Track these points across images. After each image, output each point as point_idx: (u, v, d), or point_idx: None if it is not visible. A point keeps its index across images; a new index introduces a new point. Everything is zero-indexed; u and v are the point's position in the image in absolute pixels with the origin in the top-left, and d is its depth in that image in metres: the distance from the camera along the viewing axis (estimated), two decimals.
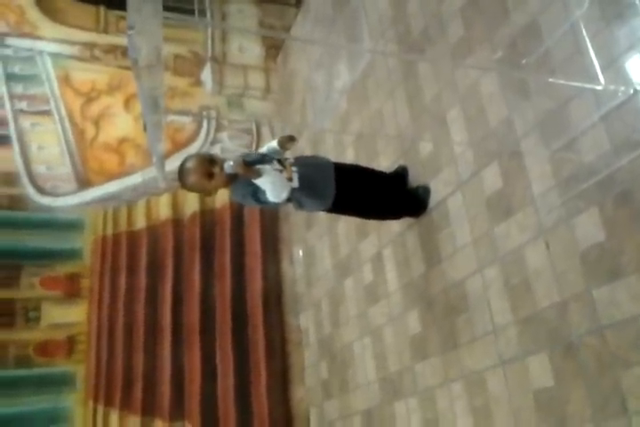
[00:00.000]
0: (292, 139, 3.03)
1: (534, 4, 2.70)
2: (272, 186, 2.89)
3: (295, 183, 2.98)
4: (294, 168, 3.00)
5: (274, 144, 3.02)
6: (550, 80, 2.54)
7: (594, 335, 2.22)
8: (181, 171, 2.83)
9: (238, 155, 2.95)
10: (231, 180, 2.87)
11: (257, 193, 2.93)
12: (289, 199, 3.02)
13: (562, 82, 2.46)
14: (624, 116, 2.20)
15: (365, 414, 3.94)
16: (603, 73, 2.27)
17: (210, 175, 2.79)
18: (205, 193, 3.86)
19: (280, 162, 2.97)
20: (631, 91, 2.18)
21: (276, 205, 3.18)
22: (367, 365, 3.95)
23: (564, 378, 2.35)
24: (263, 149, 3.09)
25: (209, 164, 2.80)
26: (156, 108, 2.35)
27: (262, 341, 5.07)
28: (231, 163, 2.76)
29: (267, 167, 2.88)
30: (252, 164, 2.83)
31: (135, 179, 5.54)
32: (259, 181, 2.86)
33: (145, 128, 2.35)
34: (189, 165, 2.81)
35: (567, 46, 2.48)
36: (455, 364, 3.05)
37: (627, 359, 2.08)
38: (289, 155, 3.14)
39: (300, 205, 3.17)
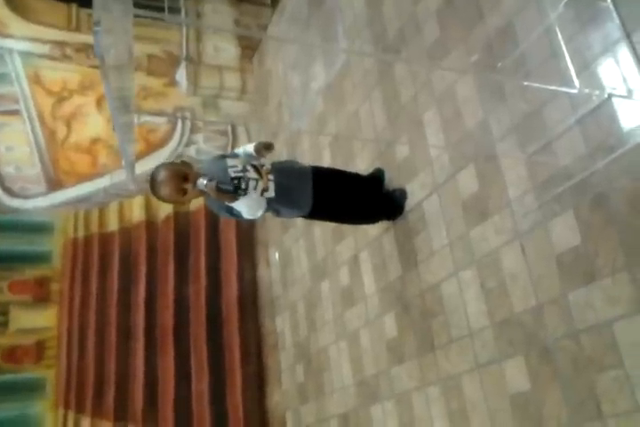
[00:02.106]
0: (268, 147, 2.96)
1: (509, 6, 2.70)
2: (247, 208, 2.84)
3: (271, 193, 2.91)
4: (271, 176, 2.93)
5: (250, 149, 2.95)
6: (525, 84, 2.54)
7: (569, 339, 2.22)
8: (153, 183, 2.70)
9: (213, 164, 2.87)
10: (204, 193, 2.75)
11: (231, 208, 2.85)
12: (265, 209, 2.97)
13: (537, 85, 2.45)
14: (599, 120, 2.21)
15: (342, 417, 3.92)
16: (578, 77, 2.27)
17: (182, 191, 2.68)
18: (178, 204, 3.78)
19: (256, 169, 2.89)
20: (605, 95, 2.19)
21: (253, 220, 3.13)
22: (343, 368, 3.92)
23: (540, 382, 2.35)
24: (239, 151, 3.02)
25: (181, 180, 2.66)
26: (125, 109, 2.29)
27: (237, 344, 5.03)
28: (205, 182, 2.64)
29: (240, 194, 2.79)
30: (226, 191, 2.71)
31: (105, 181, 5.45)
32: (232, 204, 2.79)
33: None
34: (161, 177, 2.67)
35: (542, 49, 2.48)
36: (431, 367, 3.04)
37: (601, 363, 2.08)
38: (265, 160, 3.07)
39: (277, 214, 3.11)
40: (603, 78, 2.22)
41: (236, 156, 2.98)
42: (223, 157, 2.98)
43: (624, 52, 2.14)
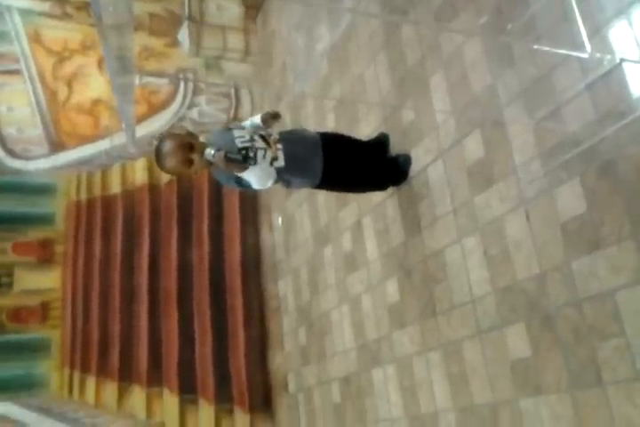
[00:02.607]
0: (275, 116, 2.90)
1: None
2: (257, 178, 2.78)
3: (281, 162, 2.85)
4: (279, 145, 2.87)
5: (257, 120, 2.89)
6: (535, 47, 2.47)
7: (572, 307, 2.21)
8: (158, 154, 2.63)
9: (221, 134, 2.80)
10: (211, 164, 2.69)
11: (240, 178, 2.79)
12: (275, 181, 2.91)
13: (547, 49, 2.39)
14: (610, 86, 2.15)
15: (343, 381, 3.97)
16: (589, 41, 2.21)
17: (189, 162, 2.61)
18: (185, 176, 3.68)
19: (264, 138, 2.83)
20: (617, 60, 2.13)
21: (260, 190, 3.08)
22: (345, 332, 3.96)
23: (541, 349, 2.36)
24: (246, 123, 2.95)
25: (188, 150, 2.59)
26: (125, 70, 2.23)
27: (240, 307, 5.07)
28: (212, 152, 2.57)
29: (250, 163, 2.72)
30: (235, 161, 2.64)
31: (106, 143, 5.41)
32: (242, 174, 2.73)
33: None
34: (166, 149, 2.60)
35: (554, 12, 2.41)
36: (433, 333, 3.05)
37: (603, 331, 2.08)
38: (273, 130, 3.01)
39: (287, 185, 3.06)
40: (615, 43, 2.16)
41: (242, 128, 2.93)
42: (229, 129, 2.92)
43: (638, 15, 2.08)
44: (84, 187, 5.36)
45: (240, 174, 2.74)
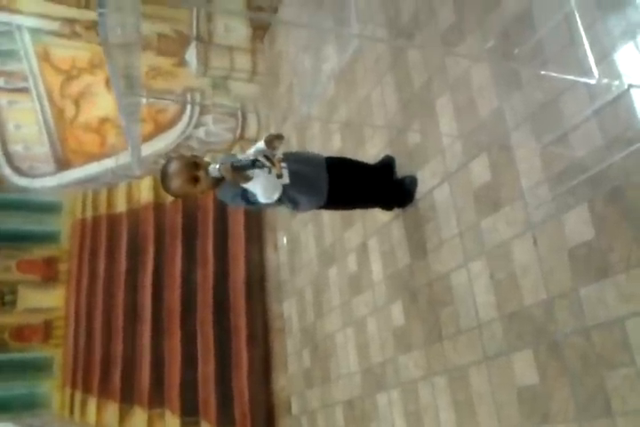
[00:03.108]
0: (279, 137, 2.89)
1: None
2: (263, 188, 2.77)
3: (286, 179, 2.85)
4: (283, 164, 2.87)
5: (261, 145, 2.88)
6: (543, 72, 2.47)
7: (579, 335, 2.18)
8: (164, 176, 2.66)
9: (225, 158, 2.80)
10: (217, 182, 2.72)
11: (246, 194, 2.80)
12: (280, 200, 2.90)
13: (554, 75, 2.39)
14: (617, 112, 2.15)
15: (347, 404, 3.92)
16: (596, 66, 2.21)
17: (194, 180, 2.63)
18: (191, 197, 3.70)
19: (268, 158, 2.81)
20: (625, 85, 2.12)
21: (266, 207, 3.06)
22: (350, 355, 3.92)
23: (549, 376, 2.32)
24: (250, 151, 2.94)
25: (193, 167, 2.62)
26: (131, 90, 2.23)
27: (244, 327, 5.03)
28: (217, 166, 2.60)
29: (255, 171, 2.71)
30: (240, 169, 2.65)
31: (111, 162, 5.42)
32: (248, 185, 2.73)
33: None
34: (172, 169, 2.64)
35: (561, 37, 2.41)
36: (438, 357, 3.02)
37: (612, 360, 2.05)
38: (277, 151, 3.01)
39: (294, 205, 3.03)
40: (622, 68, 2.15)
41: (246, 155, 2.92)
42: (233, 154, 2.93)
43: None
44: (90, 205, 5.37)
45: (246, 185, 2.73)
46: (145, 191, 5.39)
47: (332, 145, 4.29)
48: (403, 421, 3.29)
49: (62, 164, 5.44)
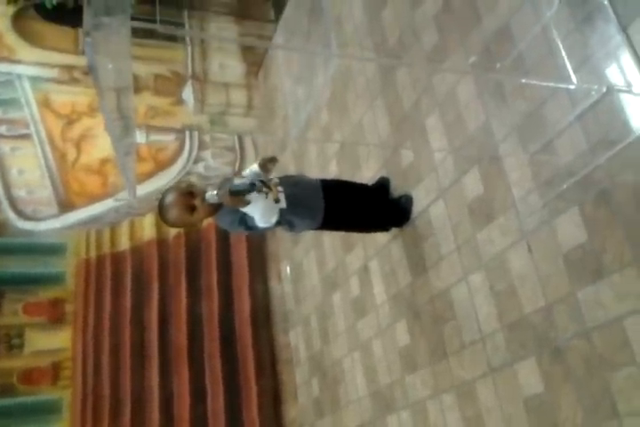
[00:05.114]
0: (272, 160, 2.94)
1: (505, 7, 2.69)
2: (261, 212, 2.79)
3: (283, 204, 2.86)
4: (280, 188, 2.89)
5: (255, 168, 2.92)
6: (524, 81, 2.53)
7: (580, 338, 2.17)
8: (161, 207, 2.68)
9: (221, 183, 2.83)
10: (215, 209, 2.73)
11: (245, 219, 2.82)
12: (278, 222, 2.92)
13: (535, 82, 2.44)
14: (599, 115, 2.18)
15: None
16: (576, 73, 2.26)
17: (191, 208, 2.65)
18: (189, 227, 3.71)
19: (264, 183, 2.83)
20: (604, 89, 2.16)
21: (265, 230, 3.08)
22: (358, 379, 3.87)
23: (554, 383, 2.29)
24: (245, 173, 2.96)
25: (188, 197, 2.64)
26: (127, 131, 2.27)
27: (252, 360, 4.98)
28: (214, 193, 2.61)
29: (253, 194, 2.72)
30: (238, 193, 2.65)
31: (109, 203, 5.48)
32: (246, 209, 2.75)
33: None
34: (168, 200, 2.66)
35: (539, 48, 2.47)
36: (445, 374, 2.99)
37: (614, 361, 2.03)
38: (273, 174, 3.04)
39: (290, 227, 3.05)
40: (601, 73, 2.20)
41: (242, 177, 2.95)
42: (229, 179, 2.95)
43: (620, 46, 2.12)
44: (94, 244, 5.39)
45: (244, 209, 2.74)
46: (147, 228, 5.42)
47: (329, 170, 4.34)
48: None
49: (65, 206, 5.50)
